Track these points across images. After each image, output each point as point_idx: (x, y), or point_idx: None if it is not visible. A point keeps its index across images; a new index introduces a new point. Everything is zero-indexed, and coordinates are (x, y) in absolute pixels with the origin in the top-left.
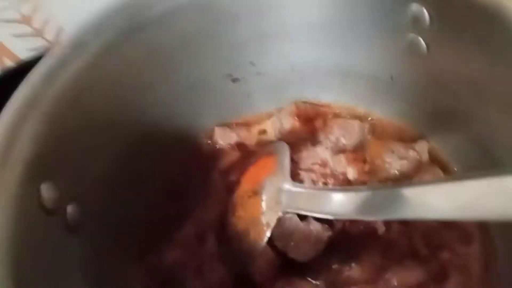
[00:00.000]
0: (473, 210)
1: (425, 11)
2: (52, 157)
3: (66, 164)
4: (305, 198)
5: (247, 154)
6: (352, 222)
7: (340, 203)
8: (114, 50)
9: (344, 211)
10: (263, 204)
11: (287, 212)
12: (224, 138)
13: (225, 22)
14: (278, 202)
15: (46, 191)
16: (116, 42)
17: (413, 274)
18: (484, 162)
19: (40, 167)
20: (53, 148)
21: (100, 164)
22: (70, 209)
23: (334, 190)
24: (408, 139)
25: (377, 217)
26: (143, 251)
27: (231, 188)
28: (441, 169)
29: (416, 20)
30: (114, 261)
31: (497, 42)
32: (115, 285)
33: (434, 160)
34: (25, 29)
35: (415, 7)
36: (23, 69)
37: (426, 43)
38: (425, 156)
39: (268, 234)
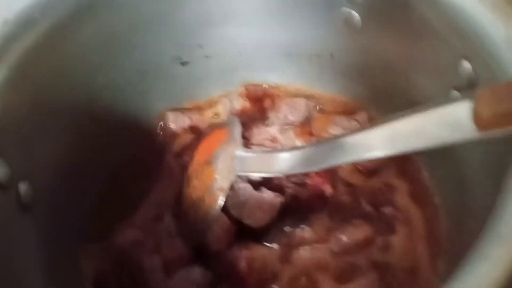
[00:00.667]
0: (402, 144)
1: None
2: (4, 134)
3: (17, 142)
4: (256, 161)
5: (200, 136)
6: (302, 187)
7: (287, 161)
8: (63, 29)
9: (291, 167)
10: (217, 171)
11: (240, 176)
12: (177, 122)
13: (172, 4)
14: (231, 168)
15: None
16: (65, 21)
17: (361, 230)
18: None
19: None
20: (4, 126)
21: (51, 144)
22: (22, 186)
23: (281, 151)
24: (350, 112)
25: (321, 167)
26: (96, 233)
27: (184, 168)
28: None
29: None
30: (67, 242)
31: (422, 16)
32: (67, 266)
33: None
34: None
35: None
36: None
37: (360, 16)
38: (366, 125)
39: (222, 198)
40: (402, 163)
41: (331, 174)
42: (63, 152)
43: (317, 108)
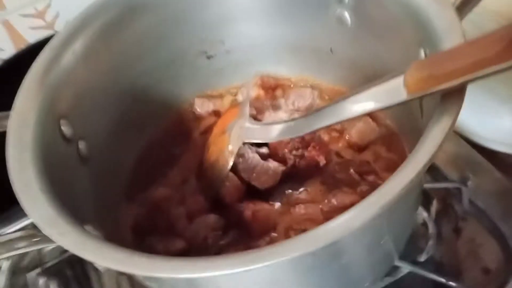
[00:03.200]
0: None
1: None
2: (67, 103)
3: (78, 110)
4: (258, 131)
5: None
6: (301, 158)
7: (280, 130)
8: (112, 27)
9: (283, 134)
10: (229, 139)
11: (248, 145)
12: (202, 107)
13: (197, 7)
14: (240, 135)
15: (64, 125)
16: (113, 21)
17: (349, 196)
18: None
19: (60, 107)
20: (69, 96)
21: (103, 114)
22: (81, 144)
23: (276, 123)
24: None
25: (307, 131)
26: (135, 189)
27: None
28: (371, 117)
29: None
30: (112, 192)
31: (391, 12)
32: (111, 211)
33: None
34: (39, 22)
35: None
36: (33, 52)
37: (349, 16)
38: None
39: (232, 159)
40: (389, 141)
41: (326, 148)
42: (111, 122)
43: (320, 96)
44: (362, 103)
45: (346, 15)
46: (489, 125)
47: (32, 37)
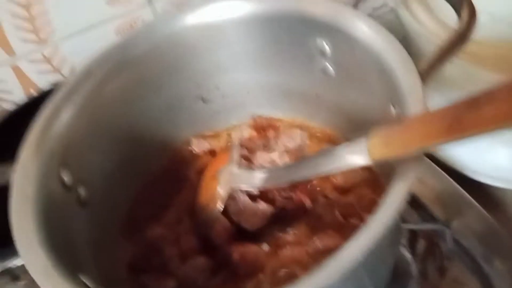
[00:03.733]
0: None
1: (324, 43)
2: (68, 152)
3: (77, 158)
4: (245, 177)
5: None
6: (288, 200)
7: (264, 178)
8: (112, 77)
9: (264, 182)
10: (219, 184)
11: (238, 189)
12: (199, 146)
13: (192, 56)
14: (228, 181)
15: (65, 174)
16: (112, 72)
17: (333, 239)
18: None
19: (60, 158)
20: (70, 146)
21: (102, 160)
22: (80, 190)
23: (259, 171)
24: (334, 141)
25: (285, 180)
26: (132, 228)
27: None
28: None
29: (321, 51)
30: (110, 232)
31: (365, 67)
32: (108, 250)
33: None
34: (47, 67)
35: (319, 41)
36: (43, 97)
37: (332, 67)
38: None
39: (221, 204)
40: (372, 183)
41: (313, 191)
42: (110, 166)
43: (309, 137)
44: (333, 161)
45: (329, 66)
46: (481, 159)
47: (40, 80)
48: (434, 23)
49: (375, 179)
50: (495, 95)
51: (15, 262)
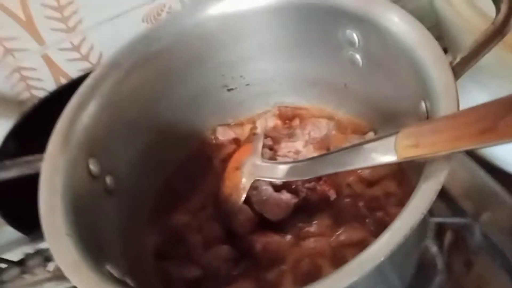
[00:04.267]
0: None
1: (354, 34)
2: (95, 143)
3: (105, 147)
4: (266, 169)
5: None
6: (312, 191)
7: (285, 171)
8: (138, 68)
9: (290, 175)
10: (242, 175)
11: (259, 180)
12: (224, 135)
13: (217, 47)
14: (252, 173)
15: (93, 164)
16: (139, 63)
17: (357, 232)
18: None
19: (88, 148)
20: (97, 136)
21: (128, 148)
22: (108, 179)
23: (283, 163)
24: (362, 132)
25: (308, 176)
26: (158, 215)
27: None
28: None
29: (350, 41)
30: (136, 220)
31: (397, 61)
32: (135, 238)
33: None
34: (75, 55)
35: (348, 32)
36: (73, 85)
37: (360, 58)
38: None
39: (244, 195)
40: (399, 177)
41: (337, 182)
42: (136, 155)
43: (336, 127)
44: (359, 158)
45: (358, 57)
46: None
47: (69, 68)
48: (472, 12)
49: (402, 173)
50: None
51: (47, 244)
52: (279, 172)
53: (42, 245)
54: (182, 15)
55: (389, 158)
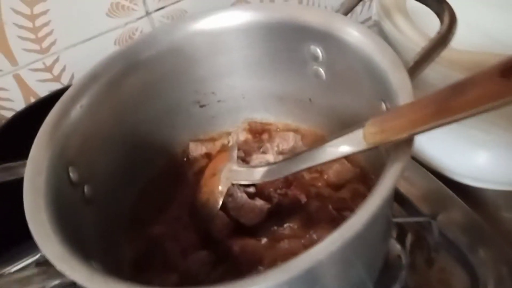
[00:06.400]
0: (329, 155)
1: (317, 49)
2: (75, 151)
3: (83, 158)
4: (243, 173)
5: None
6: (284, 196)
7: (263, 172)
8: (116, 82)
9: (266, 176)
10: (219, 180)
11: (236, 186)
12: (196, 150)
13: (190, 63)
14: (228, 178)
15: (72, 171)
16: (117, 77)
17: (327, 231)
18: None
19: (69, 156)
20: (76, 144)
21: (106, 160)
22: (86, 188)
23: (259, 166)
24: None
25: (286, 173)
26: (135, 226)
27: (199, 182)
28: (346, 159)
29: (315, 56)
30: (114, 230)
31: (356, 69)
32: (112, 246)
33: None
34: (47, 75)
35: (312, 47)
36: (43, 104)
37: (324, 72)
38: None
39: (221, 199)
40: (363, 179)
41: (307, 188)
42: (113, 166)
43: (302, 139)
44: (332, 150)
45: (321, 70)
46: (461, 162)
47: (39, 89)
48: (416, 33)
49: (366, 176)
50: (475, 80)
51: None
52: (255, 175)
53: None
54: (159, 32)
55: (358, 146)
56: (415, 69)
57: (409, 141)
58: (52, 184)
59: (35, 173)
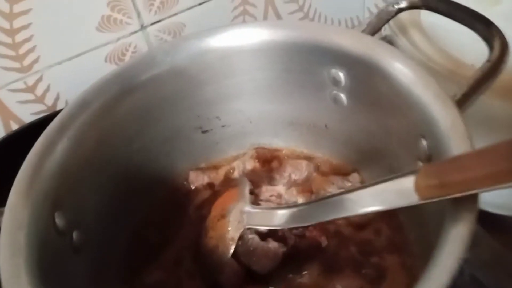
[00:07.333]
0: (368, 206)
1: (340, 73)
2: (62, 192)
3: (71, 198)
4: (260, 216)
5: (216, 192)
6: (301, 238)
7: (285, 217)
8: (109, 109)
9: (288, 222)
10: (229, 224)
11: (248, 228)
12: (197, 180)
13: (194, 86)
14: (240, 221)
15: (59, 218)
16: (110, 103)
17: (353, 281)
18: None
19: (54, 199)
20: (63, 185)
21: (96, 198)
22: (74, 235)
23: (280, 208)
24: (344, 173)
25: (312, 222)
26: (130, 272)
27: (203, 219)
28: None
29: (335, 80)
30: (106, 278)
31: (389, 99)
32: None
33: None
34: (29, 96)
35: (333, 71)
36: (25, 131)
37: (345, 97)
38: (357, 185)
39: (233, 246)
40: (388, 217)
41: (326, 227)
42: (104, 203)
43: (316, 169)
44: (372, 200)
45: (342, 96)
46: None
47: (20, 111)
48: (433, 49)
49: (392, 214)
50: None
51: None
52: (274, 219)
53: None
54: (157, 53)
55: (408, 200)
56: (463, 101)
57: (472, 197)
58: (35, 238)
59: (14, 227)
